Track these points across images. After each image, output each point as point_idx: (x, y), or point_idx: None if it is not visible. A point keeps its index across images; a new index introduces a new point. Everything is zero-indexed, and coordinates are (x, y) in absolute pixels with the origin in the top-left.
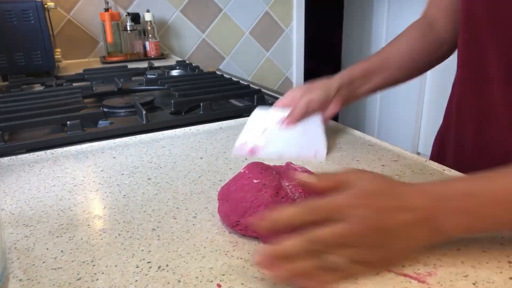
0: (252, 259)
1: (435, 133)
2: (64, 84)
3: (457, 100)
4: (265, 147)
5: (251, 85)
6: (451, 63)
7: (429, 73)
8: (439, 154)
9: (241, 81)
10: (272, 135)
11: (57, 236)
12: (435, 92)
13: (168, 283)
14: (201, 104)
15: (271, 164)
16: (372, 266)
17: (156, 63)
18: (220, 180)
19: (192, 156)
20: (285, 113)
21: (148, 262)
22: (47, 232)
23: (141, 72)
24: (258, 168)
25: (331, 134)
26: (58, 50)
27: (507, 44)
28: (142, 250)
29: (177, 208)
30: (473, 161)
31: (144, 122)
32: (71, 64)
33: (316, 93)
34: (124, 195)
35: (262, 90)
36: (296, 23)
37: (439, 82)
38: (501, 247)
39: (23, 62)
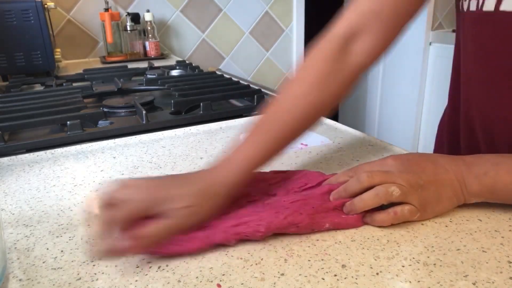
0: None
1: (435, 133)
2: (64, 84)
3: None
4: None
5: (251, 85)
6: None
7: (429, 73)
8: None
9: (241, 81)
10: None
11: (57, 236)
12: (435, 92)
13: (168, 283)
14: (201, 104)
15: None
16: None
17: (156, 63)
18: None
19: (192, 156)
20: None
21: (148, 262)
22: (47, 232)
23: (141, 72)
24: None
25: (331, 134)
26: (58, 50)
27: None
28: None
29: None
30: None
31: (144, 122)
32: (71, 64)
33: None
34: None
35: (262, 90)
36: (296, 23)
37: (439, 82)
38: (501, 247)
39: (23, 62)
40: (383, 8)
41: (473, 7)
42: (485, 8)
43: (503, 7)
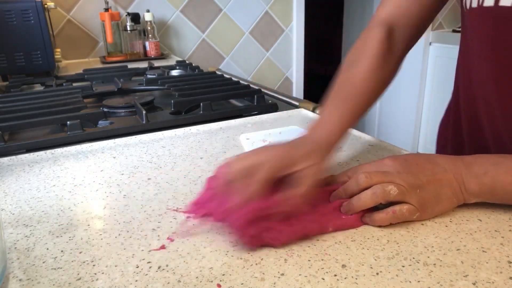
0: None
1: (435, 133)
2: (64, 84)
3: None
4: None
5: (251, 85)
6: (453, 62)
7: (429, 72)
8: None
9: (241, 81)
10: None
11: (57, 236)
12: (435, 92)
13: (168, 283)
14: (201, 104)
15: None
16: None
17: (156, 63)
18: None
19: (192, 156)
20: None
21: (148, 262)
22: (47, 232)
23: (141, 72)
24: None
25: None
26: (58, 50)
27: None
28: (142, 250)
29: (177, 208)
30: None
31: (144, 122)
32: (71, 64)
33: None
34: (124, 195)
35: (262, 90)
36: (296, 23)
37: (439, 82)
38: (501, 247)
39: (23, 62)
40: (406, 11)
41: (474, 4)
42: (485, 4)
43: (502, 3)
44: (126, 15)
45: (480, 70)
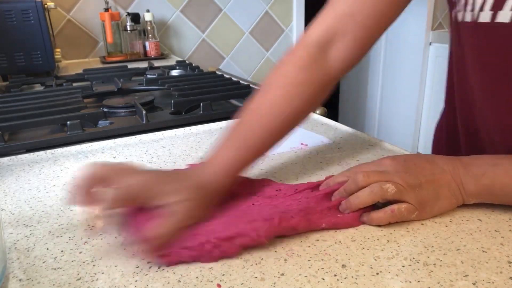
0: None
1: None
2: (64, 84)
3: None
4: None
5: (251, 85)
6: None
7: (429, 72)
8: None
9: (241, 81)
10: None
11: (57, 236)
12: (435, 92)
13: (168, 283)
14: (201, 104)
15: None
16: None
17: (156, 63)
18: None
19: (192, 156)
20: None
21: (148, 262)
22: (47, 232)
23: (141, 72)
24: None
25: (331, 134)
26: (58, 50)
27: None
28: (142, 250)
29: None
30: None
31: (144, 122)
32: (71, 64)
33: None
34: None
35: None
36: (296, 23)
37: (439, 82)
38: (501, 247)
39: (23, 62)
40: (360, 12)
41: (468, 18)
42: (480, 20)
43: (499, 19)
44: (126, 15)
45: (474, 79)
